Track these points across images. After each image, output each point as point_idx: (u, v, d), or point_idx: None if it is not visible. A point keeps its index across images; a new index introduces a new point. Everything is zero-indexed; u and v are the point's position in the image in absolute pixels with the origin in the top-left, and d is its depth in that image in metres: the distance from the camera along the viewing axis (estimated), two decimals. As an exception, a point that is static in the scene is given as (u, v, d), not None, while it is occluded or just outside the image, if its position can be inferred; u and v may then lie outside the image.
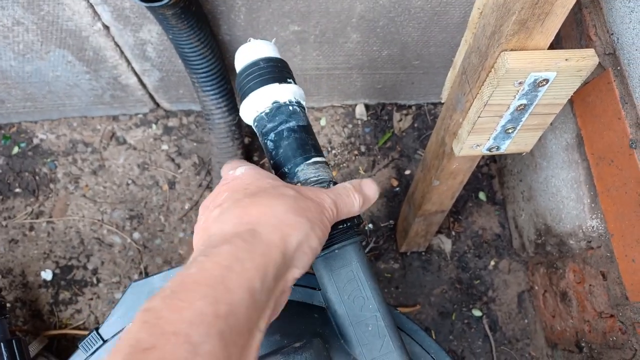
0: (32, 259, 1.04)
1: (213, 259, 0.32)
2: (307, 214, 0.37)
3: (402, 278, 1.05)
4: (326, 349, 0.43)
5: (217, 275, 0.30)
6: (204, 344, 0.27)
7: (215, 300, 0.29)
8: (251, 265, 0.32)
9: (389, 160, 1.11)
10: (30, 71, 0.93)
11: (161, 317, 0.28)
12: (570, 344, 0.88)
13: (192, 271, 0.31)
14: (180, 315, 0.28)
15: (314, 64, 0.95)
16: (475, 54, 0.56)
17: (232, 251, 0.32)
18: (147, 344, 0.26)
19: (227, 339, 0.28)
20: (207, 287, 0.30)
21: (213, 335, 0.28)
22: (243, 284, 0.31)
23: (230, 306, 0.29)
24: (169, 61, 0.94)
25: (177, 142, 1.11)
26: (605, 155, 0.67)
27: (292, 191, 0.38)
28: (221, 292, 0.30)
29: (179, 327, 0.27)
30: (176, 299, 0.29)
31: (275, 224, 0.35)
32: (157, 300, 0.29)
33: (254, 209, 0.36)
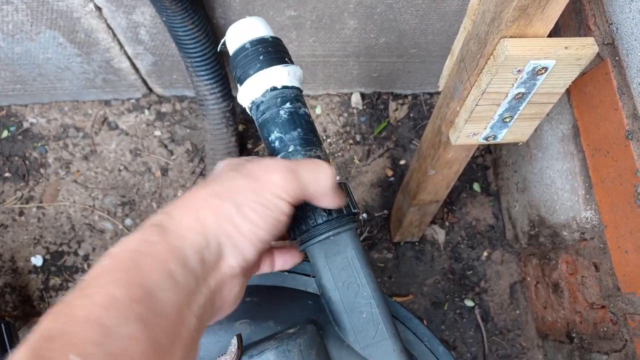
0: (22, 244, 1.03)
1: (122, 247, 0.31)
2: (234, 196, 0.34)
3: (395, 268, 1.05)
4: (320, 336, 0.43)
5: (128, 259, 0.29)
6: (119, 326, 0.26)
7: (128, 283, 0.28)
8: (163, 248, 0.30)
9: (384, 150, 1.11)
10: (20, 52, 0.91)
11: (72, 305, 0.27)
12: (561, 335, 0.89)
13: (105, 262, 0.30)
14: (92, 300, 0.27)
15: (310, 51, 0.94)
16: (474, 41, 0.55)
17: (142, 237, 0.31)
18: (55, 331, 0.25)
19: (148, 321, 0.27)
20: (118, 272, 0.29)
21: (129, 318, 0.27)
22: (157, 265, 0.29)
23: (146, 290, 0.28)
24: (162, 45, 0.92)
25: (170, 128, 1.10)
26: (601, 147, 0.67)
27: (229, 173, 0.36)
28: (134, 276, 0.29)
29: (91, 311, 0.26)
30: (88, 287, 0.28)
31: (192, 209, 0.33)
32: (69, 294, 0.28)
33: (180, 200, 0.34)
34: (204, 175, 1.08)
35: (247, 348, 0.40)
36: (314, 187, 0.37)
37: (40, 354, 0.24)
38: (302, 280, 0.50)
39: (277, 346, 0.39)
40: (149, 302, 0.28)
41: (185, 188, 1.07)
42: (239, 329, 0.45)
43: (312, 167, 0.37)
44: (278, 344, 0.39)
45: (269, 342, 0.40)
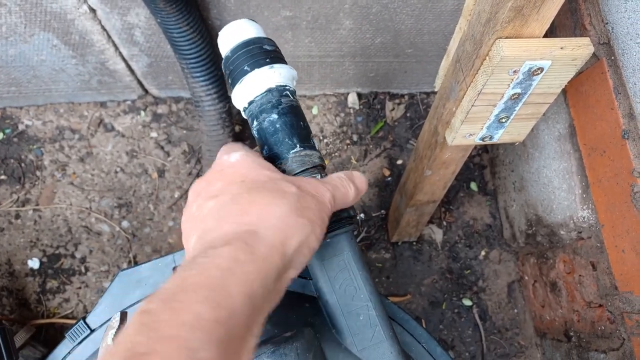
0: (19, 247, 1.02)
1: (214, 260, 0.30)
2: (309, 214, 0.35)
3: (393, 268, 1.05)
4: (317, 339, 0.42)
5: (218, 277, 0.29)
6: (201, 350, 0.26)
7: (217, 305, 0.28)
8: (252, 269, 0.31)
9: (381, 150, 1.10)
10: (14, 55, 0.91)
11: (159, 320, 0.27)
12: (559, 334, 0.89)
13: (192, 272, 0.30)
14: (179, 319, 0.27)
15: (306, 51, 0.94)
16: (470, 42, 0.55)
17: (232, 253, 0.31)
18: (144, 348, 0.25)
19: (225, 346, 0.28)
20: (207, 290, 0.29)
21: (212, 342, 0.27)
22: (244, 288, 0.30)
23: (230, 311, 0.29)
24: (157, 46, 0.92)
25: (166, 130, 1.10)
26: (597, 146, 0.67)
27: (293, 187, 0.36)
28: (222, 296, 0.29)
29: (178, 331, 0.26)
30: (175, 301, 0.28)
31: (276, 226, 0.34)
32: (155, 302, 0.28)
33: (254, 207, 0.34)
34: (200, 176, 1.08)
35: (243, 352, 0.40)
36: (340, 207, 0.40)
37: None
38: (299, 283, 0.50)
39: (273, 350, 0.39)
40: (230, 325, 0.28)
41: (182, 189, 1.07)
42: (235, 332, 0.45)
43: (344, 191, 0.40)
44: (275, 348, 0.39)
45: (266, 345, 0.40)
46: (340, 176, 0.41)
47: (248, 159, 0.39)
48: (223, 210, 0.35)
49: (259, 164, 0.39)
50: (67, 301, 1.00)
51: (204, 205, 0.36)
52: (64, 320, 0.98)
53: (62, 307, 1.00)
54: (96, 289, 1.01)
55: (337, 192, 0.40)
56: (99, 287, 1.01)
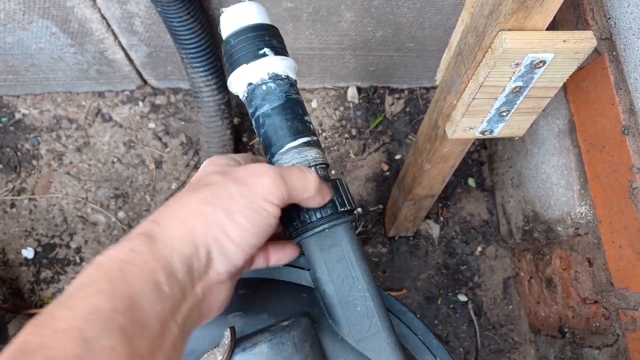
0: (13, 236, 1.02)
1: (109, 256, 0.30)
2: (225, 202, 0.33)
3: (389, 262, 1.05)
4: (314, 329, 0.42)
5: (114, 269, 0.29)
6: (100, 339, 0.25)
7: (113, 295, 0.27)
8: (151, 257, 0.30)
9: (380, 144, 1.10)
10: (12, 42, 0.90)
11: (53, 318, 0.26)
12: (553, 330, 0.90)
13: (90, 271, 0.29)
14: (74, 312, 0.26)
15: (306, 44, 0.94)
16: (472, 34, 0.55)
17: (130, 246, 0.31)
18: (34, 344, 0.25)
19: (130, 333, 0.27)
20: (103, 282, 0.28)
21: (111, 330, 0.26)
22: (144, 276, 0.29)
23: (131, 300, 0.28)
24: (157, 36, 0.91)
25: (164, 121, 1.09)
26: (597, 142, 0.67)
27: (218, 178, 0.35)
28: (119, 287, 0.28)
29: (72, 323, 0.26)
30: (71, 298, 0.27)
31: (181, 217, 0.33)
32: (52, 304, 0.27)
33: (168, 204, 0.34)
34: (198, 169, 1.07)
35: (240, 341, 0.39)
36: (301, 192, 0.38)
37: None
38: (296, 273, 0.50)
39: (270, 339, 0.39)
40: (133, 314, 0.27)
41: (179, 181, 1.06)
42: (232, 321, 0.44)
43: (299, 174, 0.38)
44: (271, 337, 0.39)
45: (263, 334, 0.39)
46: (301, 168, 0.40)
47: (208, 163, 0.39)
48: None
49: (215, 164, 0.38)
50: (61, 291, 1.00)
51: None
52: (59, 310, 0.98)
53: (56, 297, 1.00)
54: (92, 279, 1.01)
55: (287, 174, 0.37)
56: (95, 278, 1.01)
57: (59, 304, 0.27)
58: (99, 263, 0.30)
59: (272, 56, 0.43)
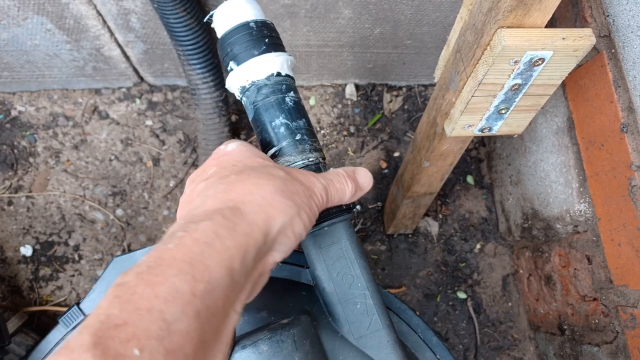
0: (11, 234, 1.01)
1: (192, 234, 0.30)
2: (295, 198, 0.35)
3: (388, 260, 1.05)
4: (314, 326, 0.42)
5: (196, 251, 0.29)
6: (178, 322, 0.26)
7: (193, 278, 0.28)
8: (232, 244, 0.30)
9: (378, 142, 1.10)
10: (7, 39, 0.89)
11: (135, 292, 0.26)
12: (552, 327, 0.90)
13: (170, 246, 0.29)
14: (155, 291, 0.26)
15: (304, 40, 0.93)
16: (471, 31, 0.55)
17: (212, 228, 0.31)
18: (118, 319, 0.25)
19: (203, 318, 0.27)
20: (184, 264, 0.28)
21: (188, 314, 0.27)
22: (222, 262, 0.29)
23: (208, 285, 0.28)
24: (154, 33, 0.90)
25: (161, 118, 1.08)
26: (595, 139, 0.67)
27: (282, 172, 0.37)
28: (199, 270, 0.28)
29: (153, 303, 0.26)
30: (152, 274, 0.27)
31: (260, 204, 0.33)
32: (131, 275, 0.27)
33: (239, 186, 0.34)
34: (196, 166, 1.07)
35: (240, 338, 0.39)
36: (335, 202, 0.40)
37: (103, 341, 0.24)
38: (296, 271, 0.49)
39: (270, 336, 0.39)
40: (208, 299, 0.28)
41: (177, 178, 1.06)
42: (231, 320, 0.44)
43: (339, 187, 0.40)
44: (271, 335, 0.39)
45: (262, 332, 0.39)
46: (339, 172, 0.41)
47: (243, 147, 0.39)
48: (210, 189, 0.35)
49: (254, 152, 0.39)
50: (60, 289, 1.00)
51: (195, 189, 0.36)
52: (57, 308, 0.98)
53: (55, 294, 0.99)
54: (90, 277, 1.01)
55: (331, 186, 0.39)
56: (93, 275, 1.01)
57: (140, 277, 0.27)
58: (180, 239, 0.30)
59: (265, 55, 0.43)
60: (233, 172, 0.36)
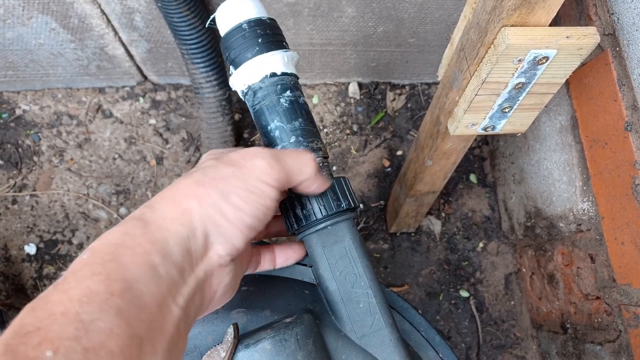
0: (15, 232, 1.02)
1: (103, 240, 0.30)
2: (218, 183, 0.33)
3: (391, 258, 1.05)
4: (317, 325, 0.42)
5: (107, 252, 0.29)
6: (96, 321, 0.25)
7: (107, 277, 0.27)
8: (144, 240, 0.30)
9: (381, 141, 1.10)
10: (12, 38, 0.90)
11: (48, 301, 0.26)
12: (555, 325, 0.90)
13: (83, 257, 0.29)
14: (69, 296, 0.26)
15: (307, 39, 0.93)
16: (475, 30, 0.55)
17: (122, 230, 0.30)
18: (30, 327, 0.25)
19: (127, 314, 0.27)
20: (97, 265, 0.28)
21: (108, 312, 0.26)
22: (138, 259, 0.29)
23: (125, 282, 0.28)
24: (157, 32, 0.91)
25: (165, 117, 1.09)
26: (599, 138, 0.67)
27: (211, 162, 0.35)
28: (113, 269, 0.28)
29: (67, 306, 0.26)
30: (65, 282, 0.27)
31: (174, 199, 0.33)
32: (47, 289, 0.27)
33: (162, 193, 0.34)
34: (199, 165, 1.07)
35: (243, 337, 0.39)
36: (298, 175, 0.37)
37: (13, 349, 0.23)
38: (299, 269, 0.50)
39: (273, 335, 0.39)
40: (129, 296, 0.27)
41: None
42: (234, 318, 0.44)
43: (295, 155, 0.38)
44: (274, 333, 0.39)
45: (266, 331, 0.40)
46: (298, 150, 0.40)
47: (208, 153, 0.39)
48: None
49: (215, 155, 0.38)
50: (64, 287, 1.00)
51: None
52: (61, 306, 0.98)
53: (59, 293, 1.00)
54: (93, 275, 1.01)
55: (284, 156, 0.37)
56: (96, 274, 1.01)
57: (54, 288, 0.27)
58: (92, 249, 0.30)
59: (258, 57, 0.43)
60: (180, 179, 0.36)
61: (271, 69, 0.43)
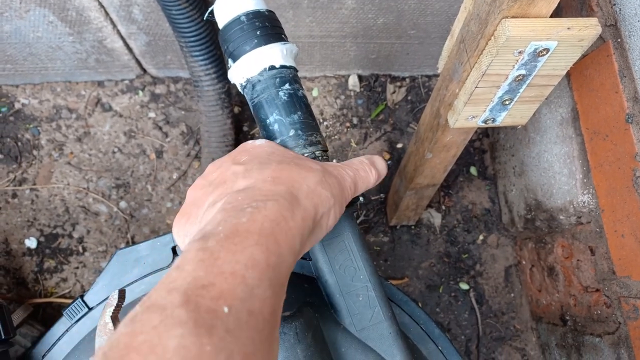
0: (16, 226, 1.02)
1: (262, 212, 0.32)
2: (333, 191, 0.38)
3: (391, 251, 1.05)
4: (316, 318, 0.42)
5: (267, 227, 0.31)
6: (257, 288, 0.28)
7: (267, 250, 0.30)
8: (294, 225, 0.33)
9: (381, 133, 1.10)
10: (9, 31, 0.89)
11: (217, 257, 0.28)
12: (554, 318, 0.90)
13: (243, 220, 0.31)
14: (236, 258, 0.28)
15: (307, 31, 0.93)
16: (475, 22, 0.54)
17: (278, 208, 0.33)
18: (205, 281, 0.27)
19: (275, 288, 0.29)
20: (259, 236, 0.31)
21: (264, 282, 0.29)
22: (288, 241, 0.32)
23: (279, 258, 0.31)
24: (156, 24, 0.90)
25: (164, 110, 1.08)
26: (600, 130, 0.66)
27: (317, 165, 0.39)
28: (272, 243, 0.31)
29: (235, 268, 0.28)
30: (231, 242, 0.29)
31: (308, 193, 0.36)
32: (212, 241, 0.29)
33: (285, 173, 0.36)
34: (199, 158, 1.07)
35: (242, 331, 0.39)
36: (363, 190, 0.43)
37: (193, 299, 0.25)
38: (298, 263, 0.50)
39: (273, 329, 0.39)
40: (277, 272, 0.30)
41: (180, 170, 1.06)
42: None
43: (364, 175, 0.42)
44: (274, 327, 0.39)
45: (265, 325, 0.40)
46: (362, 160, 0.43)
47: (272, 143, 0.41)
48: (253, 172, 0.36)
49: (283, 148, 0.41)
50: (65, 281, 1.00)
51: (229, 171, 0.37)
52: (62, 300, 0.99)
53: (60, 286, 1.00)
54: (94, 269, 1.01)
55: (358, 176, 0.41)
56: (97, 267, 1.01)
57: (221, 245, 0.29)
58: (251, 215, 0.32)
59: (256, 50, 0.42)
60: (272, 160, 0.38)
61: (270, 62, 0.43)
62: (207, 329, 0.24)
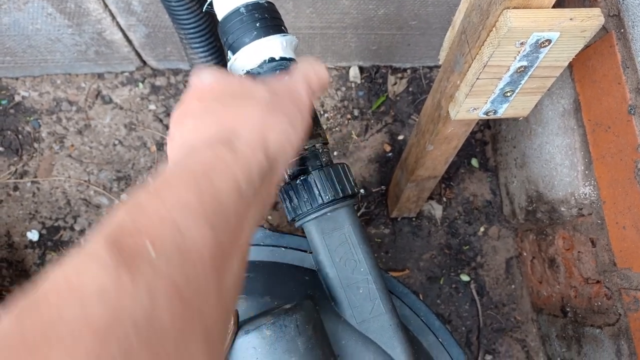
0: (17, 219, 1.02)
1: (195, 158, 0.32)
2: (284, 110, 0.37)
3: (392, 243, 1.05)
4: (317, 311, 0.43)
5: (200, 170, 0.31)
6: (191, 229, 0.27)
7: (199, 191, 0.29)
8: (235, 165, 0.32)
9: (383, 125, 1.09)
10: (8, 23, 0.89)
11: (146, 206, 0.28)
12: (555, 309, 0.90)
13: (175, 170, 0.31)
14: (166, 204, 0.28)
15: (307, 22, 0.92)
16: (476, 12, 0.54)
17: (214, 151, 0.32)
18: (132, 229, 0.26)
19: (216, 227, 0.29)
20: (190, 178, 0.30)
21: (199, 222, 0.28)
22: (228, 181, 0.31)
23: (217, 200, 0.30)
24: (155, 16, 0.90)
25: (165, 102, 1.08)
26: (602, 122, 0.66)
27: (263, 91, 0.38)
28: (205, 185, 0.30)
29: (164, 213, 0.27)
30: (159, 191, 0.29)
31: (253, 126, 0.35)
32: (139, 195, 0.29)
33: (229, 114, 0.36)
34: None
35: (243, 323, 0.40)
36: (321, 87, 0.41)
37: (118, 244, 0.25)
38: (299, 256, 0.50)
39: (273, 321, 0.39)
40: (218, 210, 0.29)
41: (181, 163, 1.06)
42: (235, 304, 0.45)
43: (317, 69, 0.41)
44: (274, 319, 0.39)
45: (266, 317, 0.40)
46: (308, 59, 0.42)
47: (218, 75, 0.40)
48: (200, 124, 0.36)
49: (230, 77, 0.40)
50: (68, 273, 1.01)
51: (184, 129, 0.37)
52: (65, 292, 0.99)
53: (63, 278, 1.01)
54: (96, 261, 1.02)
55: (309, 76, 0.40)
56: (99, 260, 1.02)
57: (148, 195, 0.29)
58: (183, 164, 0.32)
59: (256, 42, 0.42)
60: (218, 102, 0.37)
61: (269, 54, 0.43)
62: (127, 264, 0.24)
